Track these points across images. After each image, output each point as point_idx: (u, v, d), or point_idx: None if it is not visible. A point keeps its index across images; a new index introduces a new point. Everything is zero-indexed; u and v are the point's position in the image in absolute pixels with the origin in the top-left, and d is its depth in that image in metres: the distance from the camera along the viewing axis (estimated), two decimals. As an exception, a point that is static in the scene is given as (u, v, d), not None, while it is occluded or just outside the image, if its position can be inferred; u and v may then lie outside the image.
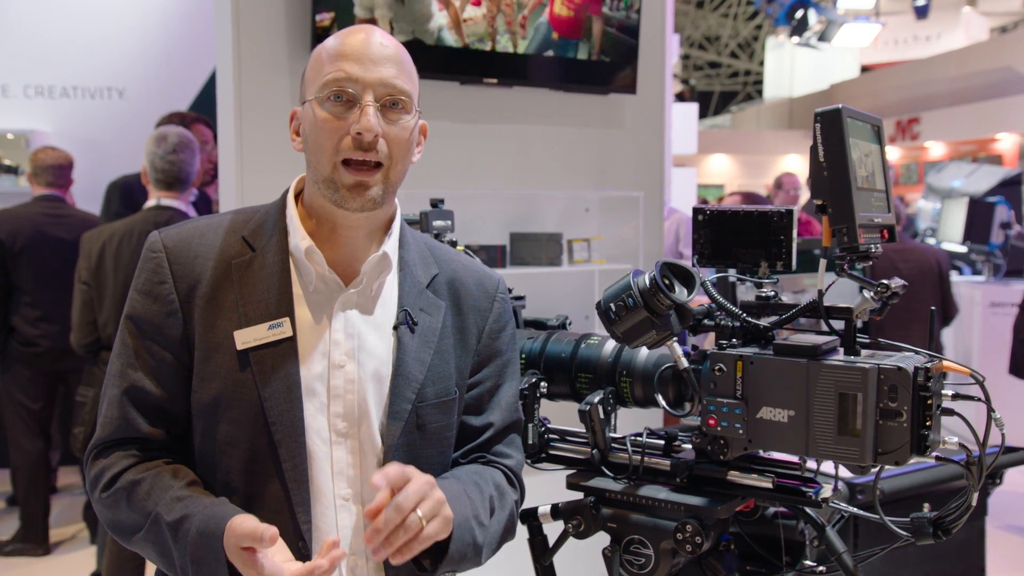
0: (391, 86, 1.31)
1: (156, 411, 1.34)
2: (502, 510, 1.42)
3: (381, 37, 1.34)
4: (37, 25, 5.87)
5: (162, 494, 1.29)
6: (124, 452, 1.34)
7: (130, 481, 1.31)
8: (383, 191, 1.33)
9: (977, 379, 1.32)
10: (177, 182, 3.46)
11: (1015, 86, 12.50)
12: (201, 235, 1.38)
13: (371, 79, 1.30)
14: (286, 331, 1.32)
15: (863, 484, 2.36)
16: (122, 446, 1.34)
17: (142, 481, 1.30)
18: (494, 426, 1.49)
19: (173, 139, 3.44)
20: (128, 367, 1.34)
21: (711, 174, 17.35)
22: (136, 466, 1.33)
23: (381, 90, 1.31)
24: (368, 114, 1.28)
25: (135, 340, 1.34)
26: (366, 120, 1.28)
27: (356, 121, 1.29)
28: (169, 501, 1.28)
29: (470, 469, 1.44)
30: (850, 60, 18.65)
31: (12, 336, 4.41)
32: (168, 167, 3.43)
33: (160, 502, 1.28)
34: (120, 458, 1.33)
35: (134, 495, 1.30)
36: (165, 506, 1.27)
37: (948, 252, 5.61)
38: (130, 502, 1.30)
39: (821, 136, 1.32)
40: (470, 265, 1.52)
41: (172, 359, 1.34)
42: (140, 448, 1.34)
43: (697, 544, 1.43)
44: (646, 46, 3.61)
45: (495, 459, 1.48)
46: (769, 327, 1.43)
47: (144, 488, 1.30)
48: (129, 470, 1.32)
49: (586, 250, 3.54)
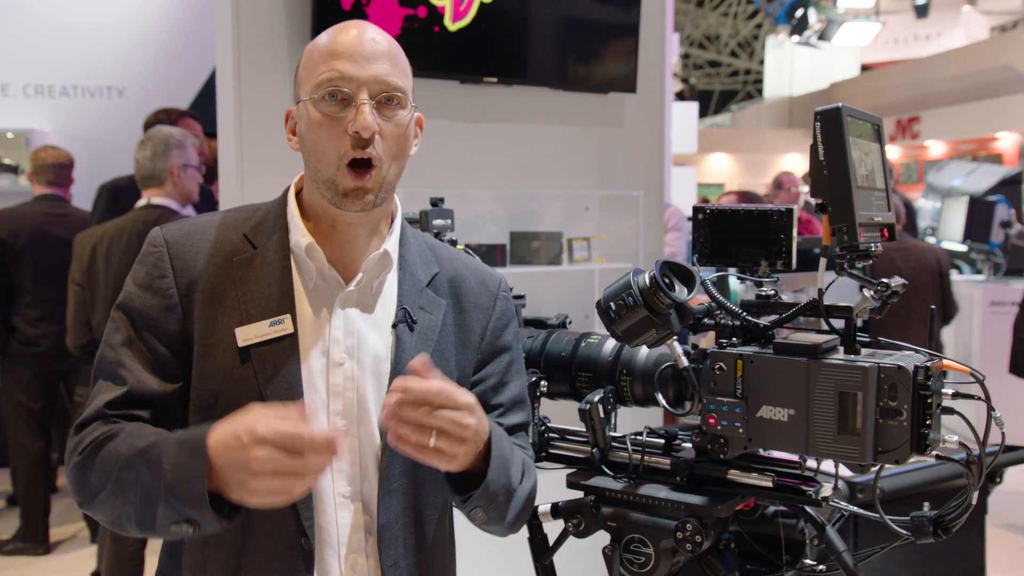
0: (385, 83, 1.31)
1: (143, 400, 1.32)
2: (528, 479, 1.43)
3: (373, 32, 1.34)
4: (37, 25, 5.87)
5: (139, 435, 1.24)
6: (104, 422, 1.30)
7: (108, 433, 1.26)
8: (380, 192, 1.33)
9: (977, 378, 1.32)
10: (150, 178, 3.45)
11: (1015, 85, 12.49)
12: (202, 231, 1.38)
13: (365, 77, 1.30)
14: (287, 328, 1.32)
15: (863, 483, 2.36)
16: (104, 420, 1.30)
17: (120, 431, 1.26)
18: (502, 424, 1.48)
19: (153, 141, 3.46)
20: (117, 356, 1.32)
21: (711, 173, 17.33)
22: (116, 425, 1.28)
23: (375, 87, 1.30)
24: (364, 112, 1.28)
25: (128, 331, 1.33)
26: (362, 119, 1.28)
27: (352, 120, 1.29)
28: (145, 435, 1.24)
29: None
30: (850, 59, 18.63)
31: (13, 336, 4.40)
32: (136, 165, 3.46)
33: (135, 440, 1.23)
34: (99, 425, 1.29)
35: (110, 443, 1.25)
36: (140, 439, 1.23)
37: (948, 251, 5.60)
38: (104, 452, 1.25)
39: (821, 135, 1.32)
40: (471, 264, 1.52)
41: (166, 352, 1.32)
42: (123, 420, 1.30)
43: (697, 543, 1.43)
44: (646, 45, 3.61)
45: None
46: (769, 326, 1.43)
47: (121, 436, 1.25)
48: (109, 429, 1.27)
49: (586, 249, 3.54)
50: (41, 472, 4.47)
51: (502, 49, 3.34)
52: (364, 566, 1.36)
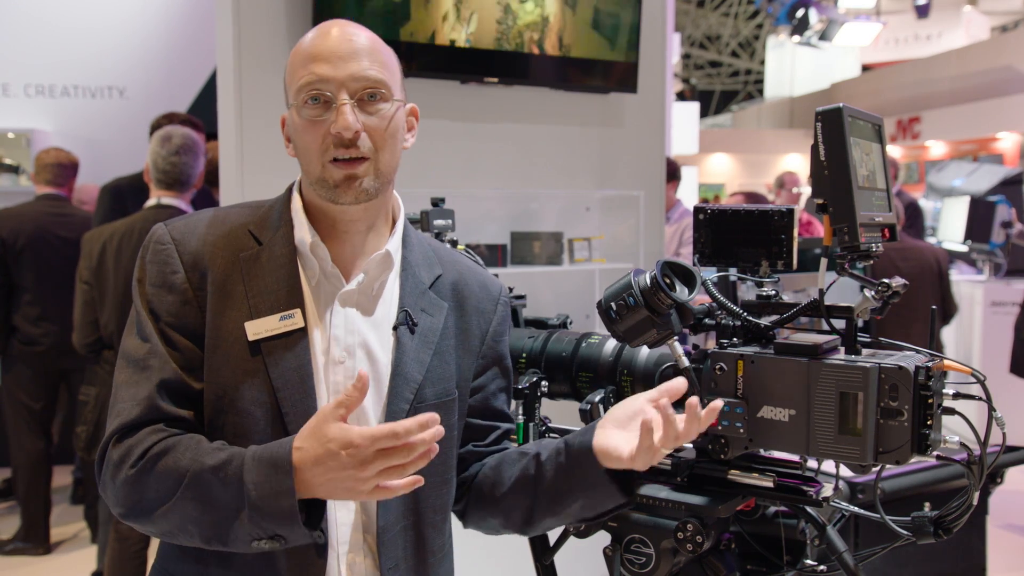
0: (364, 78, 1.31)
1: (181, 395, 1.30)
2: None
3: (352, 30, 1.34)
4: (38, 24, 5.88)
5: (200, 449, 1.23)
6: (153, 428, 1.27)
7: (164, 447, 1.23)
8: (374, 181, 1.33)
9: (978, 378, 1.32)
10: (178, 183, 3.47)
11: (1016, 85, 12.49)
12: (207, 226, 1.38)
13: (343, 77, 1.30)
14: (298, 322, 1.32)
15: (864, 483, 2.36)
16: (150, 425, 1.28)
17: (177, 444, 1.24)
18: (501, 428, 1.52)
19: (177, 140, 3.45)
20: (148, 354, 1.30)
21: (712, 173, 17.33)
22: (170, 437, 1.26)
23: (355, 85, 1.31)
24: (344, 113, 1.29)
25: (151, 328, 1.31)
26: (343, 119, 1.28)
27: (334, 121, 1.29)
28: (210, 451, 1.22)
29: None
30: (851, 59, 18.62)
31: (14, 335, 4.41)
32: (170, 168, 3.44)
33: (201, 456, 1.22)
34: (150, 433, 1.26)
35: (167, 457, 1.22)
36: (207, 456, 1.21)
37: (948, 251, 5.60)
38: (162, 465, 1.22)
39: (822, 135, 1.32)
40: (474, 268, 1.54)
41: (191, 346, 1.31)
42: (169, 426, 1.28)
43: (698, 543, 1.43)
44: (647, 45, 3.61)
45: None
46: (770, 326, 1.43)
47: (180, 449, 1.23)
48: (163, 440, 1.25)
49: (587, 249, 3.54)
50: (42, 472, 4.48)
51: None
52: (362, 565, 1.36)
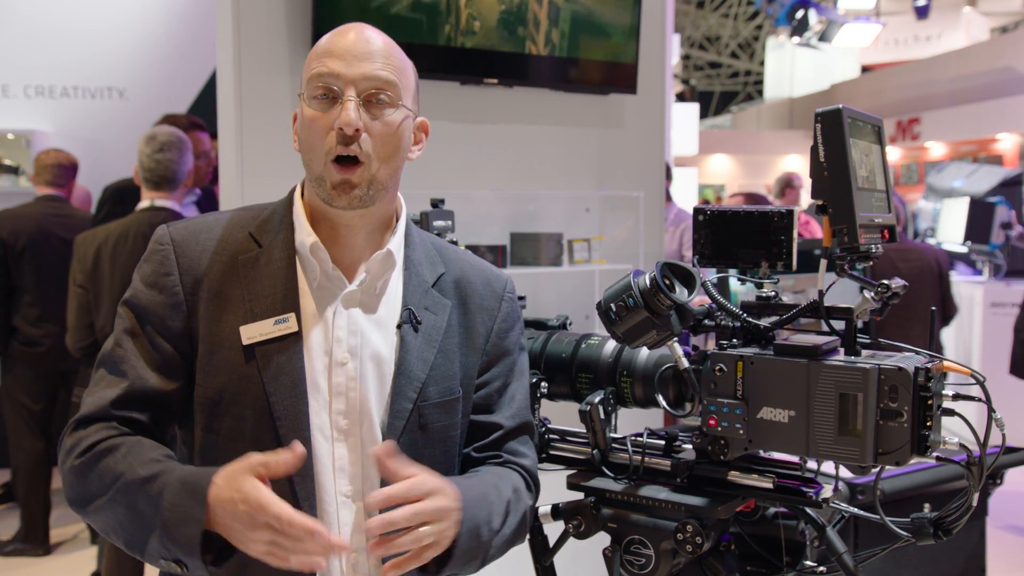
0: (374, 78, 1.31)
1: (144, 397, 1.32)
2: (515, 514, 1.41)
3: (370, 33, 1.35)
4: (37, 25, 5.87)
5: (139, 456, 1.25)
6: (105, 424, 1.30)
7: (108, 446, 1.27)
8: (369, 190, 1.33)
9: (978, 379, 1.32)
10: (165, 181, 3.43)
11: (1015, 86, 12.49)
12: (208, 230, 1.38)
13: (353, 74, 1.30)
14: (291, 326, 1.33)
15: (863, 484, 2.36)
16: (104, 422, 1.31)
17: (120, 446, 1.27)
18: (505, 426, 1.48)
19: (161, 138, 3.43)
20: (121, 351, 1.33)
21: (712, 174, 17.34)
22: (117, 436, 1.29)
23: (364, 84, 1.31)
24: (348, 108, 1.29)
25: (133, 326, 1.34)
26: (346, 115, 1.29)
27: (338, 116, 1.30)
28: (147, 461, 1.25)
29: (493, 471, 1.44)
30: (850, 60, 18.62)
31: (14, 336, 4.40)
32: (155, 165, 3.41)
33: (136, 463, 1.24)
34: (100, 429, 1.29)
35: (109, 457, 1.26)
36: (142, 465, 1.24)
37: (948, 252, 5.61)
38: (103, 464, 1.26)
39: (821, 136, 1.32)
40: (478, 265, 1.53)
41: (170, 349, 1.33)
42: (122, 424, 1.31)
43: (697, 544, 1.43)
44: (646, 46, 3.61)
45: (512, 459, 1.48)
46: (770, 327, 1.43)
47: (121, 452, 1.26)
48: (109, 439, 1.28)
49: (586, 250, 3.54)
50: (42, 473, 4.47)
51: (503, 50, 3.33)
52: (366, 566, 1.36)
